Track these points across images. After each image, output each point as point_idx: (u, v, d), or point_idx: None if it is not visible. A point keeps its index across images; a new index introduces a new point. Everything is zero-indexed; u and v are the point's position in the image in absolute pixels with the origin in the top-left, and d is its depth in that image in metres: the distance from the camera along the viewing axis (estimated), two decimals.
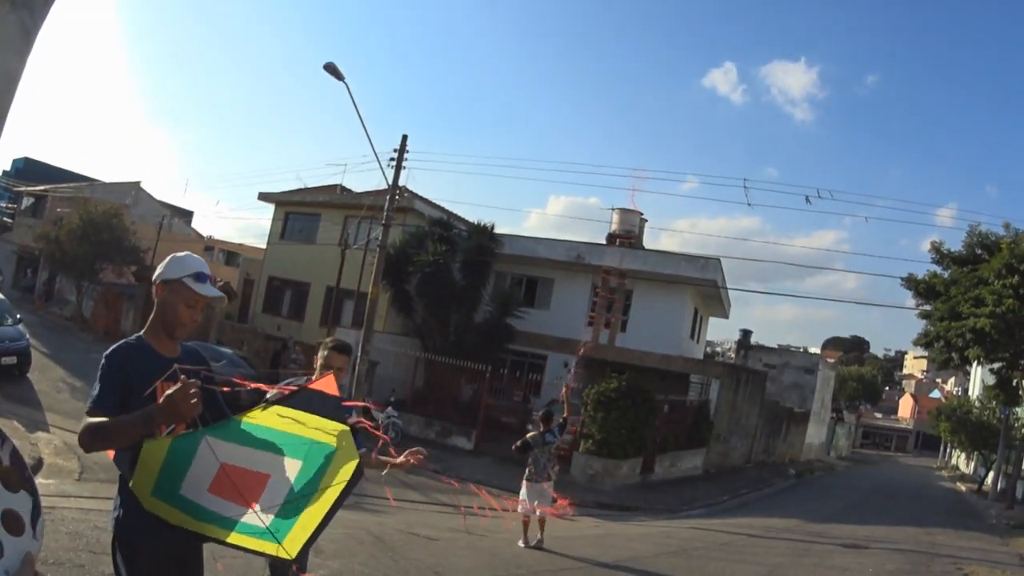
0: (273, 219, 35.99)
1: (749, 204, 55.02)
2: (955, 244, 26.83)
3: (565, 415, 11.99)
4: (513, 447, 11.61)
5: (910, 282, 27.16)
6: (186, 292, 3.29)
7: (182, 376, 2.77)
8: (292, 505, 3.07)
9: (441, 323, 27.24)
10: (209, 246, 55.37)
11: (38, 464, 10.03)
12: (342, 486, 3.11)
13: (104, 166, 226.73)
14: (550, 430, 11.42)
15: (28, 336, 18.67)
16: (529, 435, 11.47)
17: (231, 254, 54.65)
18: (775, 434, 36.63)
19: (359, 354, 22.09)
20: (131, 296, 34.30)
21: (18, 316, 19.29)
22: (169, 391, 2.72)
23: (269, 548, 3.11)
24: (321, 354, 4.87)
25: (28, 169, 53.47)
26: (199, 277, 3.33)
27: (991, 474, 32.57)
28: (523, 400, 25.10)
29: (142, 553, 3.11)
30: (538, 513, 11.06)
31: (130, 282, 36.53)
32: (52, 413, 14.32)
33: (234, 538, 3.12)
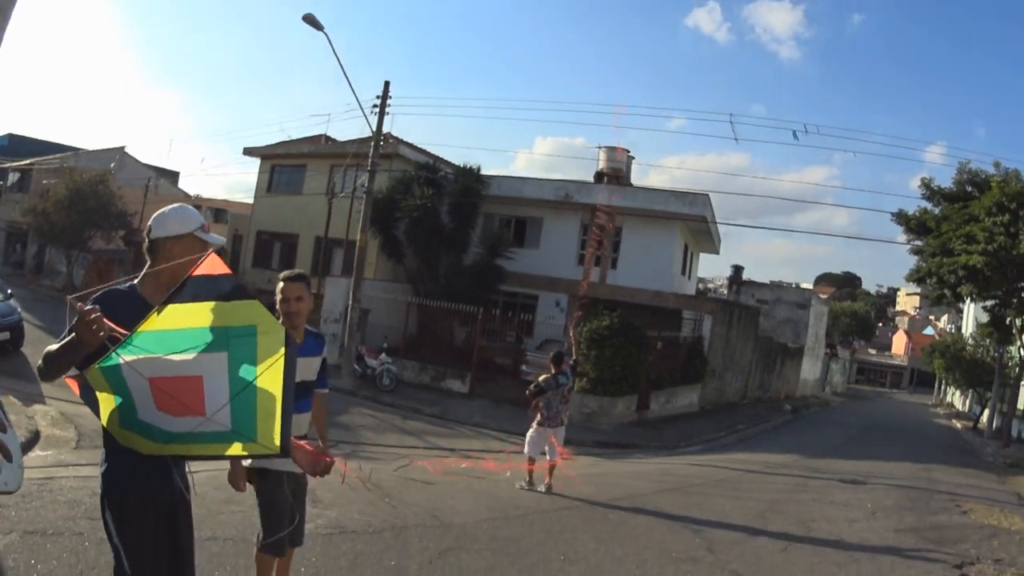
0: (259, 172, 35.58)
1: (736, 139, 55.21)
2: (944, 182, 26.76)
3: (575, 357, 11.63)
4: (527, 391, 11.04)
5: (900, 218, 27.20)
6: (198, 245, 3.29)
7: (79, 304, 2.78)
8: (240, 399, 2.92)
9: (431, 267, 27.14)
10: (196, 205, 54.98)
11: (35, 437, 10.00)
12: (280, 361, 2.92)
13: (89, 134, 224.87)
14: (562, 372, 10.93)
15: (20, 310, 18.53)
16: (541, 378, 10.93)
17: (219, 211, 54.34)
18: (770, 370, 36.78)
19: (350, 302, 22.03)
20: (121, 261, 34.17)
21: (9, 291, 19.17)
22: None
23: (249, 449, 3.00)
24: (277, 287, 4.61)
25: (12, 145, 52.83)
26: (203, 228, 3.37)
27: (986, 412, 32.67)
28: (516, 341, 25.02)
29: (130, 508, 3.11)
30: (547, 458, 10.77)
31: (119, 247, 36.37)
32: (48, 385, 14.19)
33: (209, 449, 3.02)
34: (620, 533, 8.22)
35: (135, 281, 3.28)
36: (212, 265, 2.91)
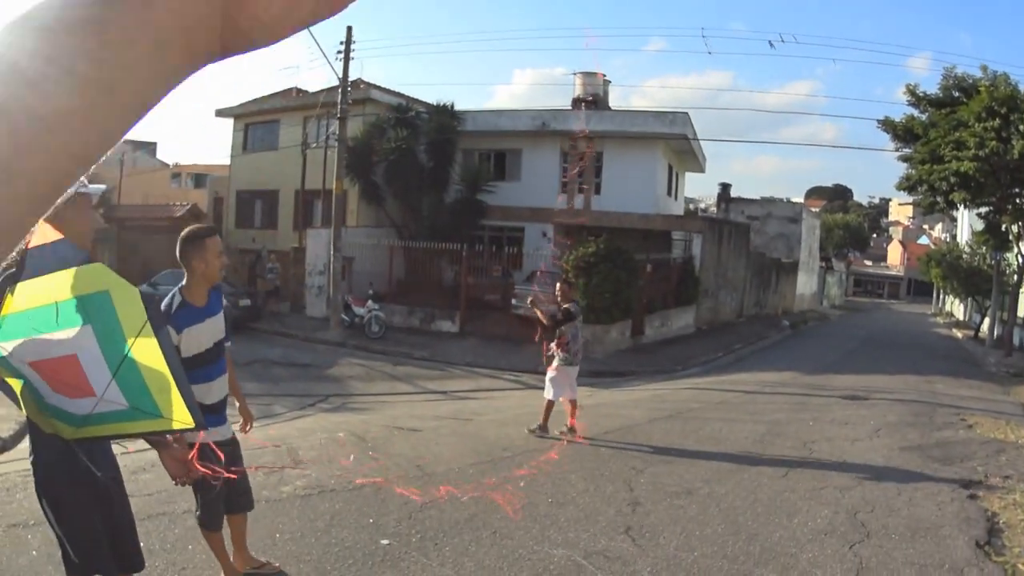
0: (233, 132, 35.03)
1: (709, 52, 54.45)
2: (932, 90, 26.12)
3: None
4: (550, 321, 9.52)
5: (887, 125, 26.68)
6: (84, 200, 3.38)
7: None
8: (124, 375, 2.67)
9: (413, 209, 26.86)
10: (176, 173, 54.63)
11: (23, 429, 9.77)
12: (145, 324, 2.65)
13: None
14: (574, 300, 9.79)
15: None
16: (566, 305, 9.56)
17: (199, 176, 53.68)
18: (765, 286, 36.54)
19: (332, 252, 21.66)
20: (103, 240, 33.73)
21: None
22: None
23: (162, 425, 2.73)
24: (208, 246, 4.21)
25: None
26: (82, 183, 3.04)
27: (987, 321, 32.42)
28: (504, 275, 24.65)
29: (64, 495, 3.13)
30: (563, 399, 9.70)
31: (99, 226, 36.01)
32: None
33: (124, 428, 2.80)
34: (611, 469, 7.92)
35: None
36: (43, 234, 2.68)
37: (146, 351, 2.65)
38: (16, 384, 2.75)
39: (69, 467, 3.02)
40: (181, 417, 2.70)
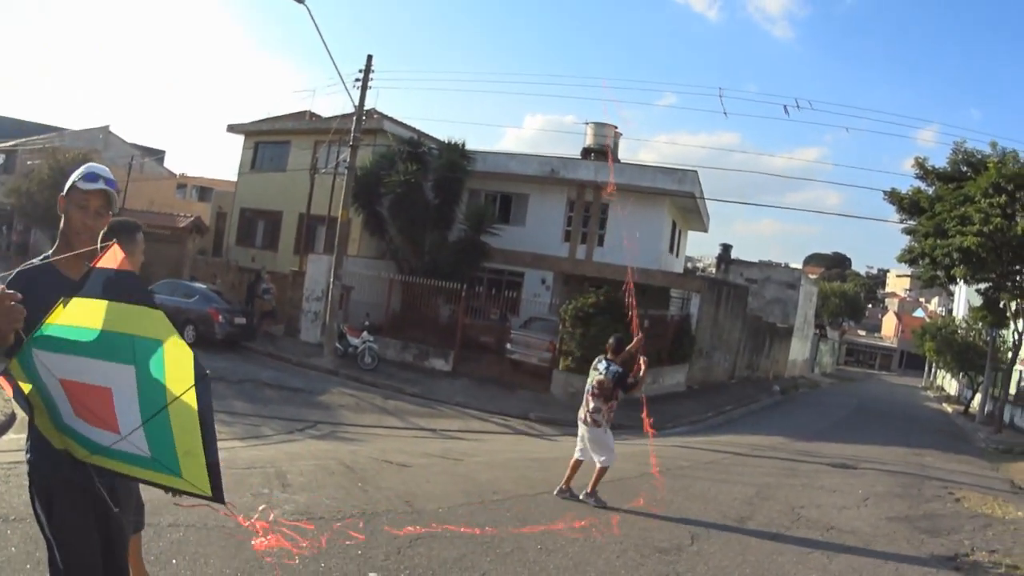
0: (243, 149, 35.13)
1: (725, 113, 55.06)
2: (939, 163, 26.25)
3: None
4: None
5: (893, 196, 26.72)
6: (77, 195, 3.08)
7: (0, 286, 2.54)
8: (155, 427, 2.62)
9: (415, 244, 26.80)
10: (182, 183, 54.75)
11: (10, 420, 9.82)
12: (190, 390, 2.57)
13: (74, 115, 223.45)
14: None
15: None
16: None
17: (204, 189, 53.87)
18: (758, 350, 36.59)
19: (331, 280, 21.63)
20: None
21: None
22: None
23: (177, 484, 2.72)
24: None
25: None
26: (88, 177, 3.08)
27: (978, 396, 32.50)
28: (500, 319, 24.66)
29: (59, 500, 3.00)
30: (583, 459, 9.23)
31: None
32: None
33: (136, 472, 2.78)
34: (601, 520, 7.89)
35: (49, 253, 3.06)
36: (113, 258, 2.64)
37: (183, 413, 2.59)
38: (37, 400, 2.72)
39: (68, 471, 2.91)
40: (200, 483, 2.65)
